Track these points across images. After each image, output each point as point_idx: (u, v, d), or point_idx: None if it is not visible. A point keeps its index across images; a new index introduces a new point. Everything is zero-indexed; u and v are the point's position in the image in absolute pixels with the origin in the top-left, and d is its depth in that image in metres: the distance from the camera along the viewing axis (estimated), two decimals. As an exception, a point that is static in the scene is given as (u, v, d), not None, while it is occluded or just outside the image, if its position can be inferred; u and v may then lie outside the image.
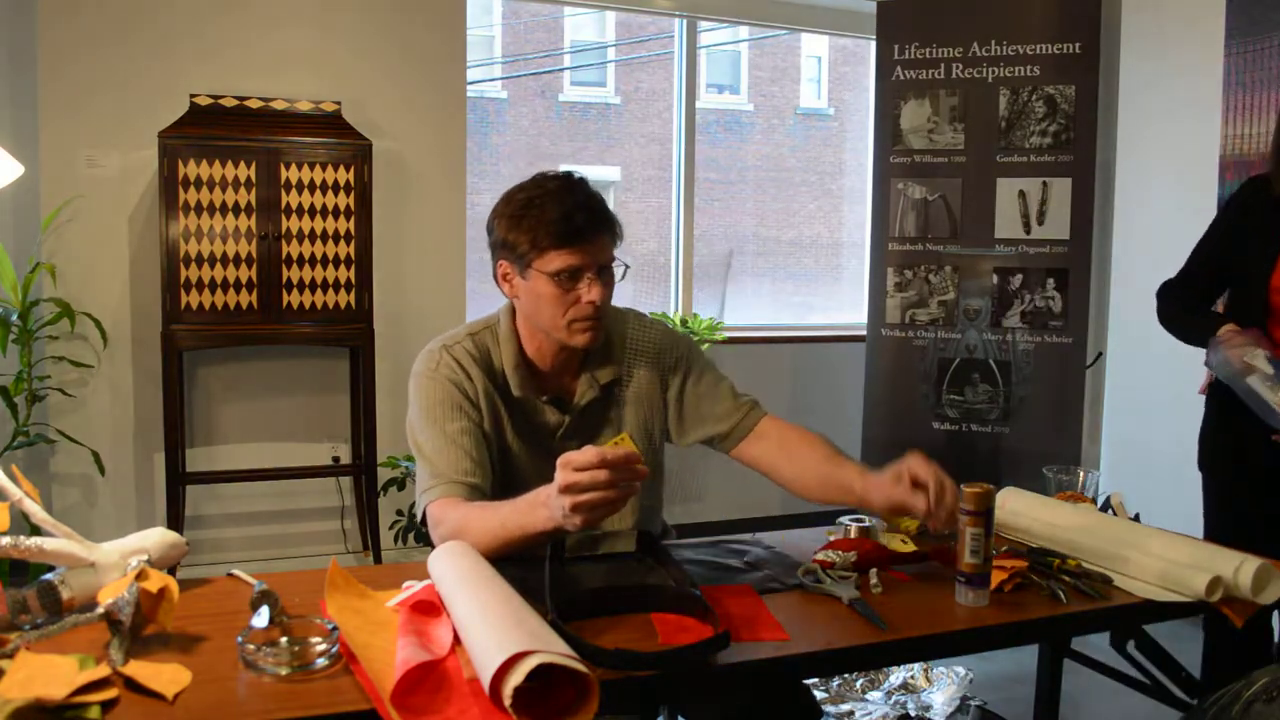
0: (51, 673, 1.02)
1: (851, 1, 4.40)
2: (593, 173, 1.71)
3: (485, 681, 1.03)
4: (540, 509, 1.40)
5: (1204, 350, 2.08)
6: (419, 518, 1.61)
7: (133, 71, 3.43)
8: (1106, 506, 1.84)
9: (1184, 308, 2.24)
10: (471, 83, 4.03)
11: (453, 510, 1.53)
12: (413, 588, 1.32)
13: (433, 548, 1.47)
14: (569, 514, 1.31)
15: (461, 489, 1.56)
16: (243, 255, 3.26)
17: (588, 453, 1.30)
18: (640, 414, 1.76)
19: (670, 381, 1.78)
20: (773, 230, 4.84)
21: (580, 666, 1.03)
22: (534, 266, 1.58)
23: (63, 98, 3.37)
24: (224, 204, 3.23)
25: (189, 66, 3.46)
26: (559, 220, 1.55)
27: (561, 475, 1.31)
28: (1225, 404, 2.14)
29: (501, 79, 4.62)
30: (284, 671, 1.10)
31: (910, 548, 1.62)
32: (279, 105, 3.39)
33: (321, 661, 1.12)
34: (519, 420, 1.69)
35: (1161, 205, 3.74)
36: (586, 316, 1.60)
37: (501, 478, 1.66)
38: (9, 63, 3.37)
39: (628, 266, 1.67)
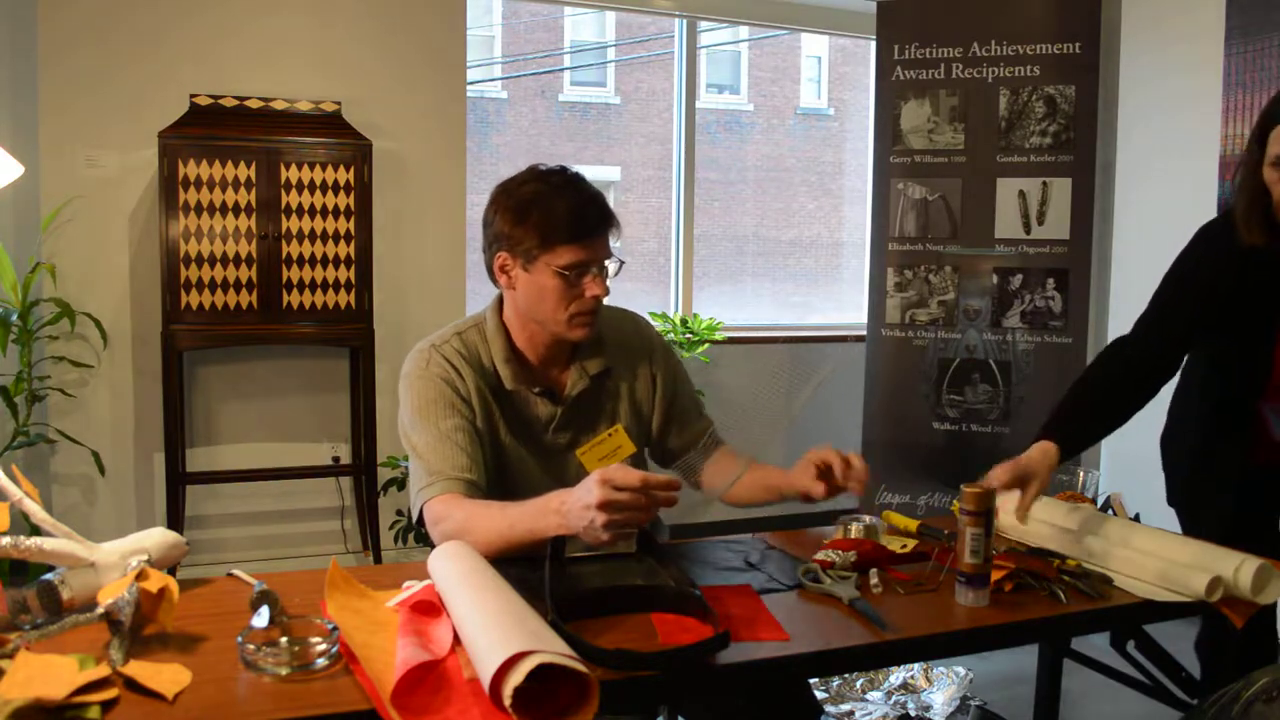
0: (51, 673, 1.02)
1: (851, 1, 4.39)
2: (593, 173, 1.73)
3: (485, 681, 1.03)
4: (552, 516, 1.40)
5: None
6: (415, 517, 1.61)
7: (133, 71, 3.42)
8: (1106, 506, 1.84)
9: (1128, 379, 1.86)
10: (471, 83, 4.03)
11: (455, 507, 1.53)
12: (413, 588, 1.32)
13: (433, 547, 1.47)
14: (598, 529, 1.32)
15: (460, 485, 1.56)
16: (243, 255, 3.26)
17: (630, 474, 1.31)
18: (633, 407, 1.78)
19: (658, 381, 1.80)
20: (773, 230, 4.84)
21: (580, 666, 1.03)
22: (541, 260, 1.60)
23: (63, 98, 3.36)
24: (224, 204, 3.23)
25: (189, 66, 3.46)
26: (570, 216, 1.58)
27: (601, 492, 1.31)
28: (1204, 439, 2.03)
29: (501, 79, 4.62)
30: (284, 671, 1.10)
31: (910, 548, 1.63)
32: (279, 105, 3.39)
33: (321, 661, 1.12)
34: (510, 415, 1.70)
35: (1161, 205, 3.74)
36: (588, 310, 1.63)
37: (495, 473, 1.67)
38: (9, 63, 3.36)
39: (623, 262, 1.68)
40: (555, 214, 1.58)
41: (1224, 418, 1.97)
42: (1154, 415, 3.82)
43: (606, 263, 1.64)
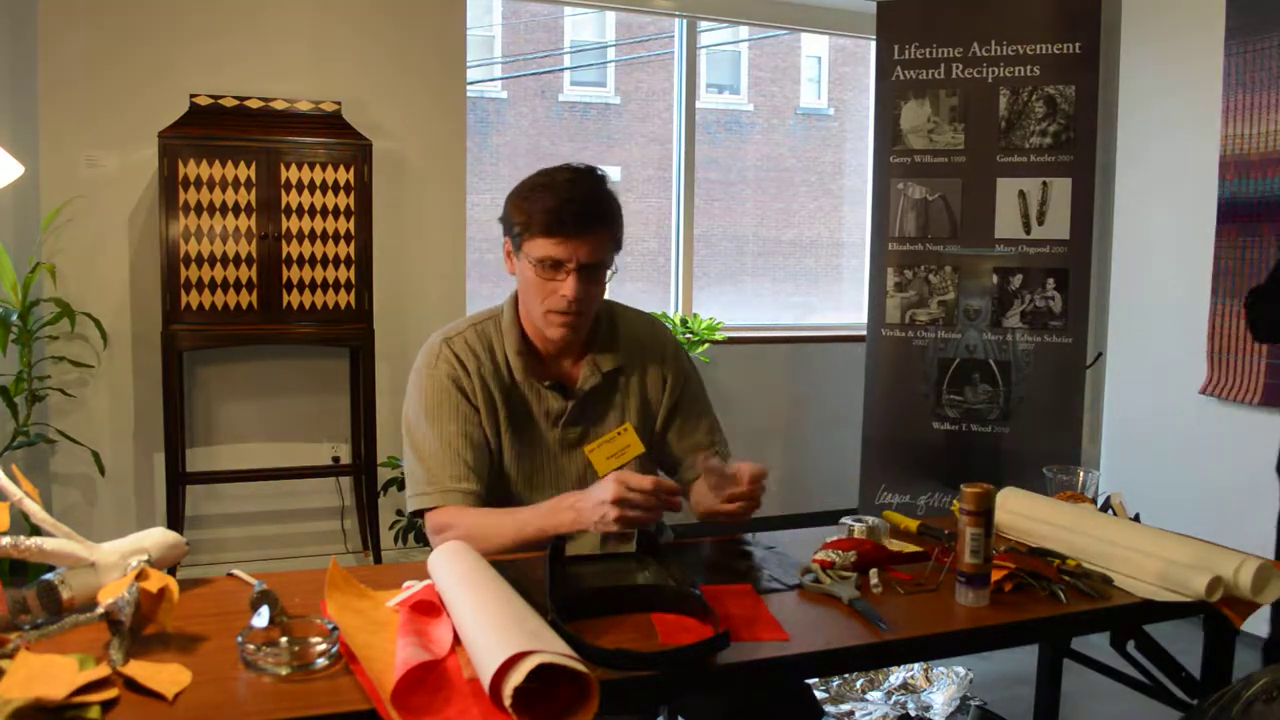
0: (51, 673, 1.02)
1: (851, 1, 4.39)
2: (593, 173, 1.73)
3: (485, 681, 1.03)
4: (566, 512, 1.48)
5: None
6: (409, 511, 1.64)
7: (133, 71, 3.42)
8: (1106, 506, 1.84)
9: None
10: (471, 83, 4.03)
11: (460, 516, 1.57)
12: (413, 588, 1.32)
13: (433, 548, 1.47)
14: (609, 521, 1.43)
15: (458, 497, 1.59)
16: (243, 255, 3.26)
17: (644, 478, 1.43)
18: (642, 407, 1.78)
19: (667, 383, 1.79)
20: (773, 230, 4.84)
21: (580, 666, 1.03)
22: (523, 249, 1.64)
23: (63, 97, 3.36)
24: (224, 204, 3.23)
25: (189, 66, 3.46)
26: (550, 210, 1.60)
27: (615, 489, 1.42)
28: None
29: (501, 79, 4.61)
30: (284, 671, 1.10)
31: (910, 548, 1.63)
32: (279, 105, 3.39)
33: (321, 661, 1.12)
34: (520, 409, 1.71)
35: (1161, 205, 3.74)
36: (560, 310, 1.63)
37: (501, 467, 1.68)
38: (9, 63, 3.36)
39: (615, 269, 1.68)
40: (540, 206, 1.60)
41: None
42: (1153, 416, 3.81)
43: (593, 266, 1.63)
